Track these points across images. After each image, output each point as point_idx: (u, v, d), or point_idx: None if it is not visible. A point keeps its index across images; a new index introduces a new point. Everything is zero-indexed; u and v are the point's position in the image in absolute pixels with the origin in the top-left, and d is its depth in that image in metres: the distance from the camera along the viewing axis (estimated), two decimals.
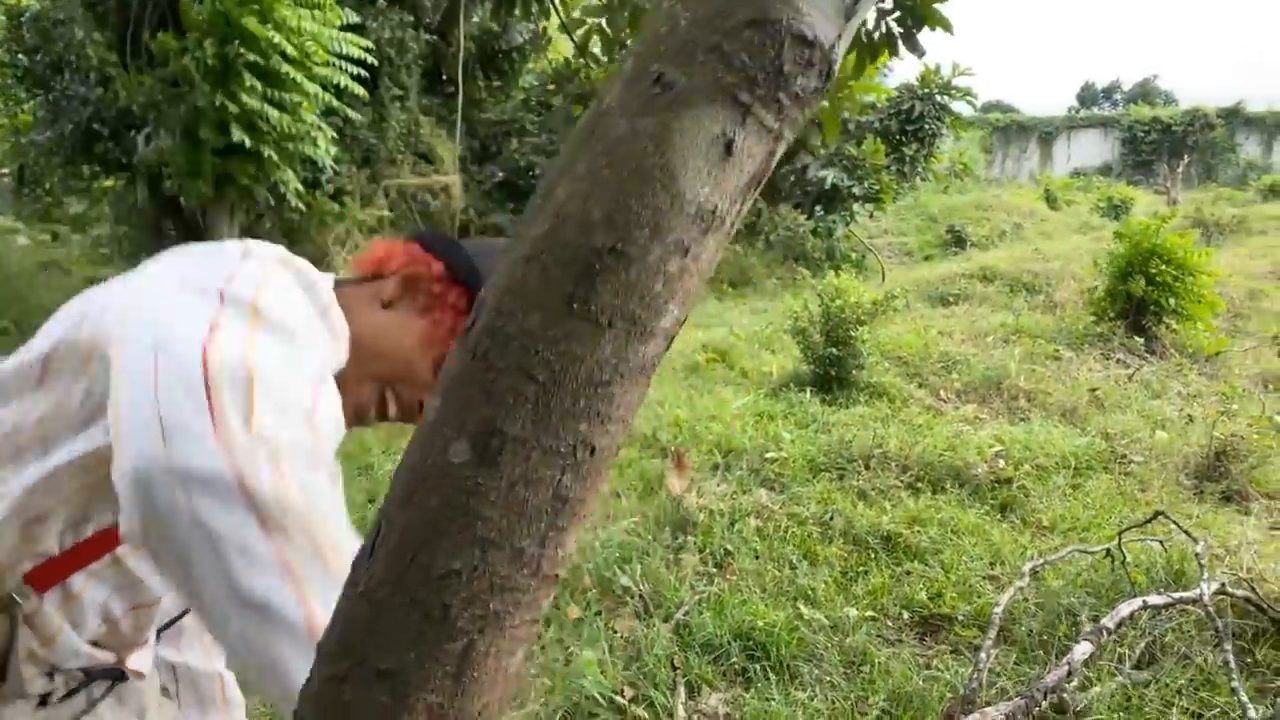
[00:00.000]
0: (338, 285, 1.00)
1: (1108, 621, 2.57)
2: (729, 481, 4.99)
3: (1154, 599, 2.78)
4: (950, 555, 4.16)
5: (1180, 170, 27.51)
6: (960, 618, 3.65)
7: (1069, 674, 2.34)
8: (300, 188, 7.80)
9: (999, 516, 4.70)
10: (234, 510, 0.68)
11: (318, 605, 0.68)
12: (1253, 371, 7.67)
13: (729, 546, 4.20)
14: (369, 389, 0.98)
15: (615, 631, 3.48)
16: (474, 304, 0.53)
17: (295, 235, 10.44)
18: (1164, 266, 7.52)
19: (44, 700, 0.86)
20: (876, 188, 10.78)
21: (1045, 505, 4.81)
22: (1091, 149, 41.08)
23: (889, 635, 3.57)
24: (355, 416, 0.98)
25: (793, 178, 11.54)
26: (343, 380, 0.90)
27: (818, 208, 11.42)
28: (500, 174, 13.79)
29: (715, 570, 4.03)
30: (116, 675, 0.95)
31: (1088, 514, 4.68)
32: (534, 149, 13.56)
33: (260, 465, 0.69)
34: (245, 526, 0.68)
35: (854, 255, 13.97)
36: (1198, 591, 2.56)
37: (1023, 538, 4.44)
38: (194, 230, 8.65)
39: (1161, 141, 38.20)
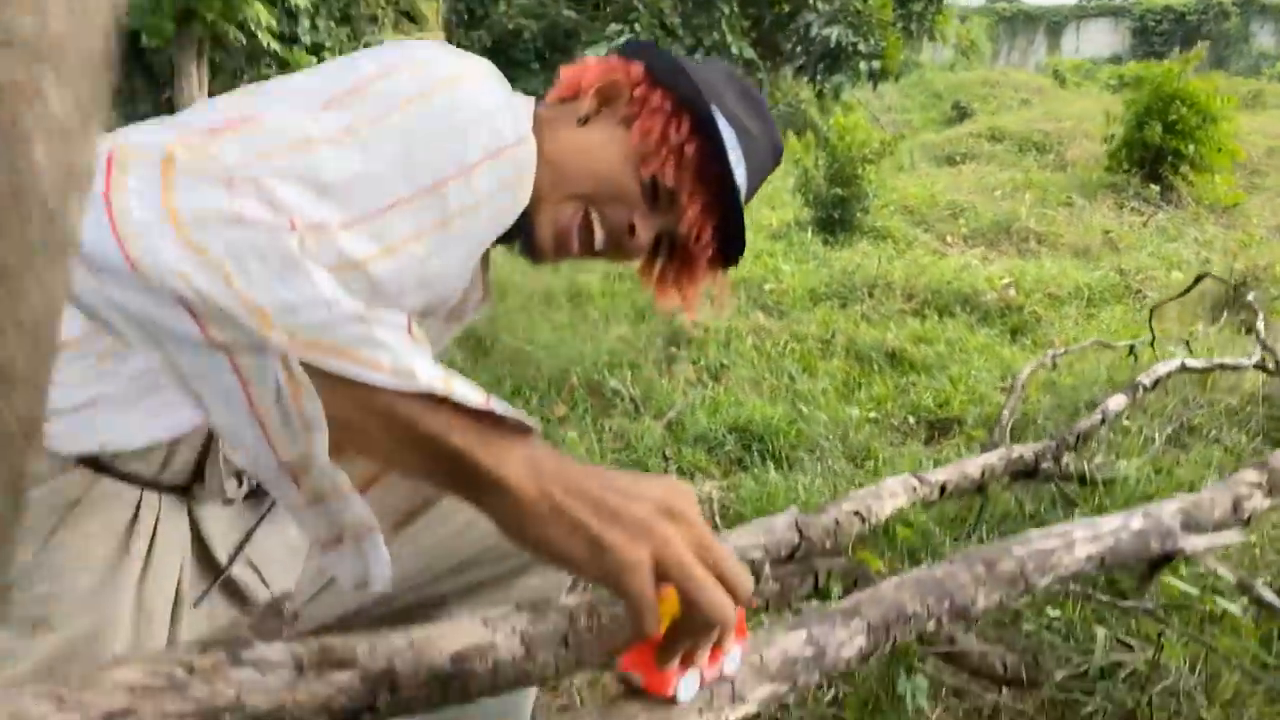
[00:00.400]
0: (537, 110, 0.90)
1: (1144, 378, 2.34)
2: (728, 308, 4.74)
3: (1193, 361, 2.55)
4: (958, 369, 3.93)
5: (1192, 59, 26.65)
6: (970, 420, 3.44)
7: (1102, 421, 2.11)
8: (274, 23, 7.31)
9: (1009, 339, 4.47)
10: None
11: None
12: (1270, 224, 7.39)
13: (724, 361, 3.97)
14: (569, 208, 0.90)
15: (604, 428, 3.27)
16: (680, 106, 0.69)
17: None
18: (1185, 111, 7.13)
19: (229, 502, 0.86)
20: (883, 44, 10.22)
21: (1058, 330, 4.58)
22: (1101, 39, 39.73)
23: (894, 437, 3.37)
24: (557, 242, 0.91)
25: (795, 37, 10.97)
26: (537, 203, 0.86)
27: (820, 68, 10.88)
28: (488, 39, 13.12)
29: (710, 380, 3.81)
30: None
31: (1104, 337, 4.45)
32: (523, 11, 12.86)
33: None
34: None
35: (893, 146, 13.40)
36: (1245, 359, 2.32)
37: (1036, 355, 4.21)
38: (162, 85, 8.18)
39: (1174, 31, 36.93)
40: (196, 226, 0.53)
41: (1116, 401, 2.18)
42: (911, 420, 3.50)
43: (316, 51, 10.13)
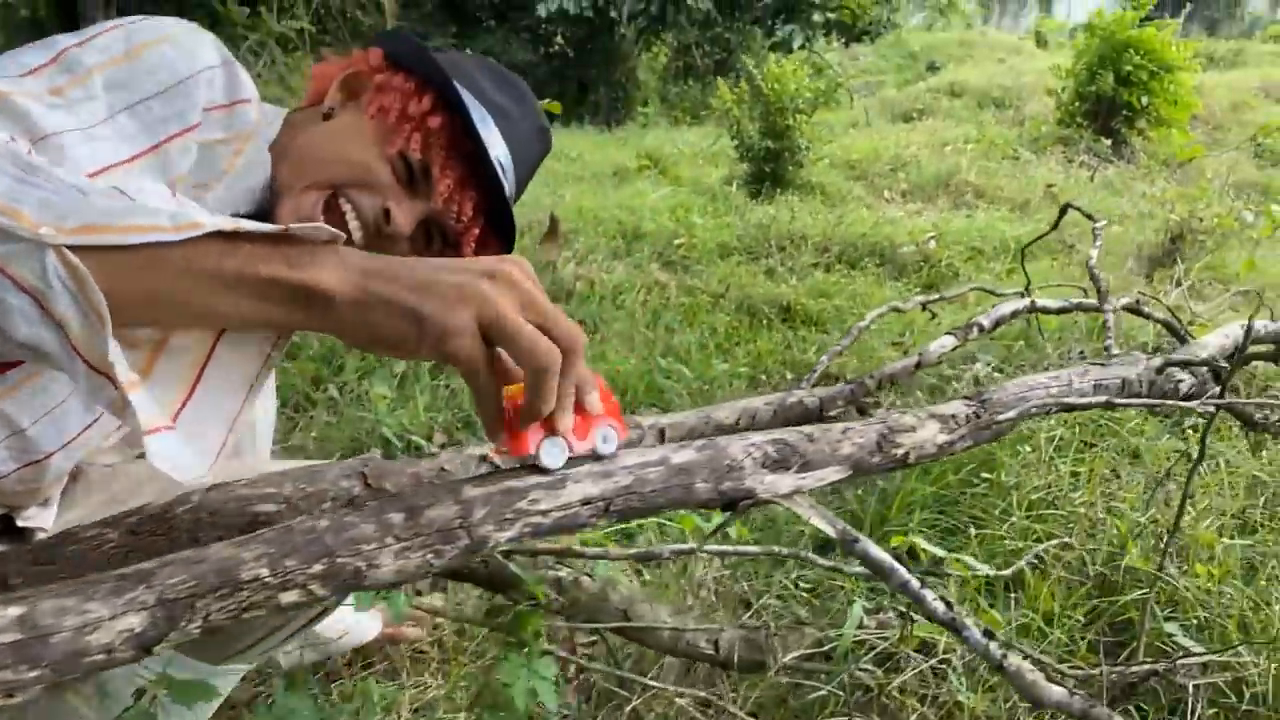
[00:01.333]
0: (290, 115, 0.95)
1: (983, 319, 2.08)
2: (626, 263, 4.47)
3: (1046, 301, 2.29)
4: (854, 323, 3.68)
5: (1180, 22, 26.20)
6: (850, 375, 3.19)
7: (917, 365, 1.86)
8: None
9: (919, 293, 4.21)
10: None
11: None
12: (1229, 181, 7.10)
13: (604, 316, 3.70)
14: (311, 197, 0.88)
15: (444, 385, 3.01)
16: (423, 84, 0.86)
17: None
18: (1139, 60, 6.82)
19: None
20: None
21: (989, 283, 4.31)
22: (1093, 4, 39.23)
23: (763, 392, 3.12)
24: None
25: None
26: (277, 196, 0.88)
27: (777, 21, 10.50)
28: None
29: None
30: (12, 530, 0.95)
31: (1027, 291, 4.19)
32: None
33: None
34: None
35: (840, 97, 13.05)
36: (1107, 304, 2.06)
37: (943, 312, 3.95)
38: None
39: None
40: None
41: (940, 344, 1.92)
42: (790, 376, 3.26)
43: (252, 4, 9.75)
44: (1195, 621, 1.63)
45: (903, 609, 1.31)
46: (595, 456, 0.68)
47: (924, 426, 0.93)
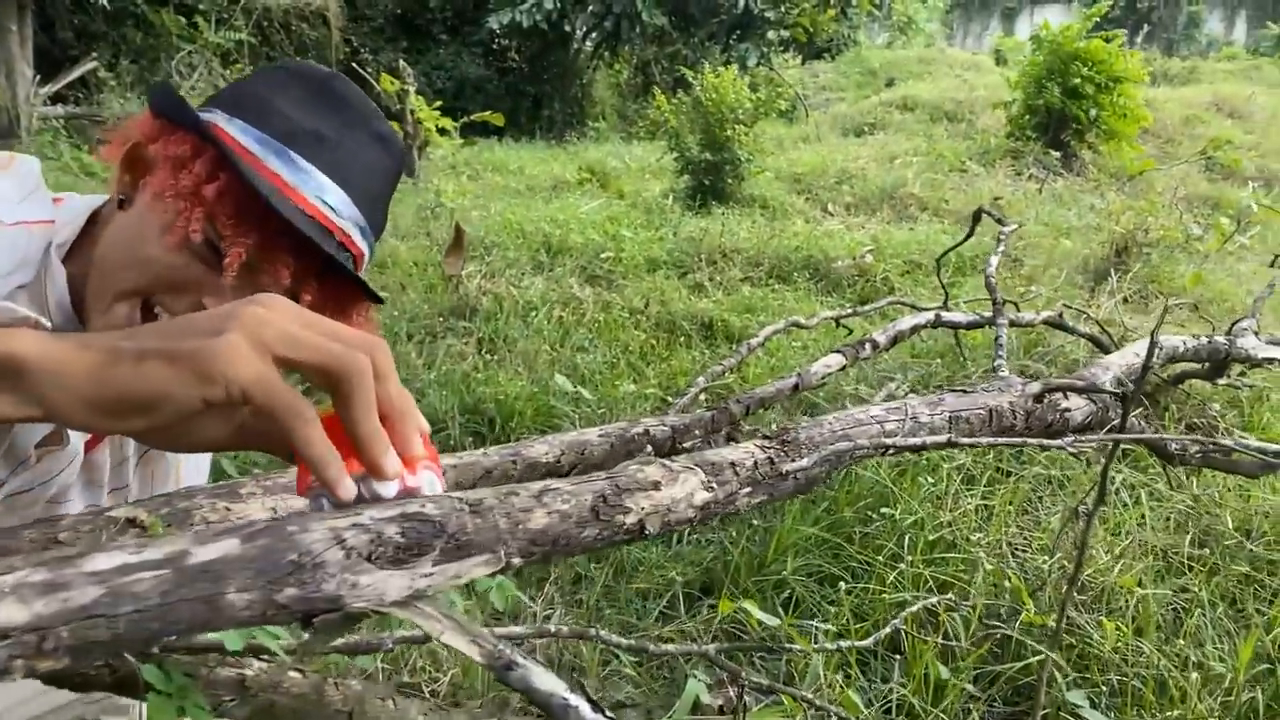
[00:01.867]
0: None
1: (879, 334, 1.85)
2: (547, 278, 4.22)
3: (955, 315, 2.07)
4: (778, 341, 3.45)
5: (1139, 43, 26.53)
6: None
7: (795, 387, 1.62)
8: None
9: (851, 307, 3.99)
10: None
11: None
12: (1179, 195, 6.98)
13: (513, 333, 3.44)
14: (122, 309, 0.76)
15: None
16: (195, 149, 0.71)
17: (142, 56, 9.24)
18: (1086, 72, 6.70)
19: None
20: (794, 13, 9.68)
21: (910, 297, 4.11)
22: (1054, 23, 39.76)
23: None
24: None
25: (704, 4, 10.42)
26: (88, 314, 0.77)
27: (732, 39, 10.33)
28: (394, 8, 12.48)
29: (486, 353, 3.28)
30: None
31: (964, 305, 3.99)
32: None
33: None
34: None
35: (781, 104, 12.92)
36: (1001, 317, 1.83)
37: (874, 327, 3.73)
38: None
39: (1125, 16, 36.99)
40: None
41: (826, 362, 1.68)
42: (703, 397, 3.02)
43: (188, 14, 9.45)
44: (1106, 686, 1.40)
45: None
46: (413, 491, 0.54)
47: (676, 481, 0.68)
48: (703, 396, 2.19)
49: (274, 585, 0.48)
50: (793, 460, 0.75)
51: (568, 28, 12.28)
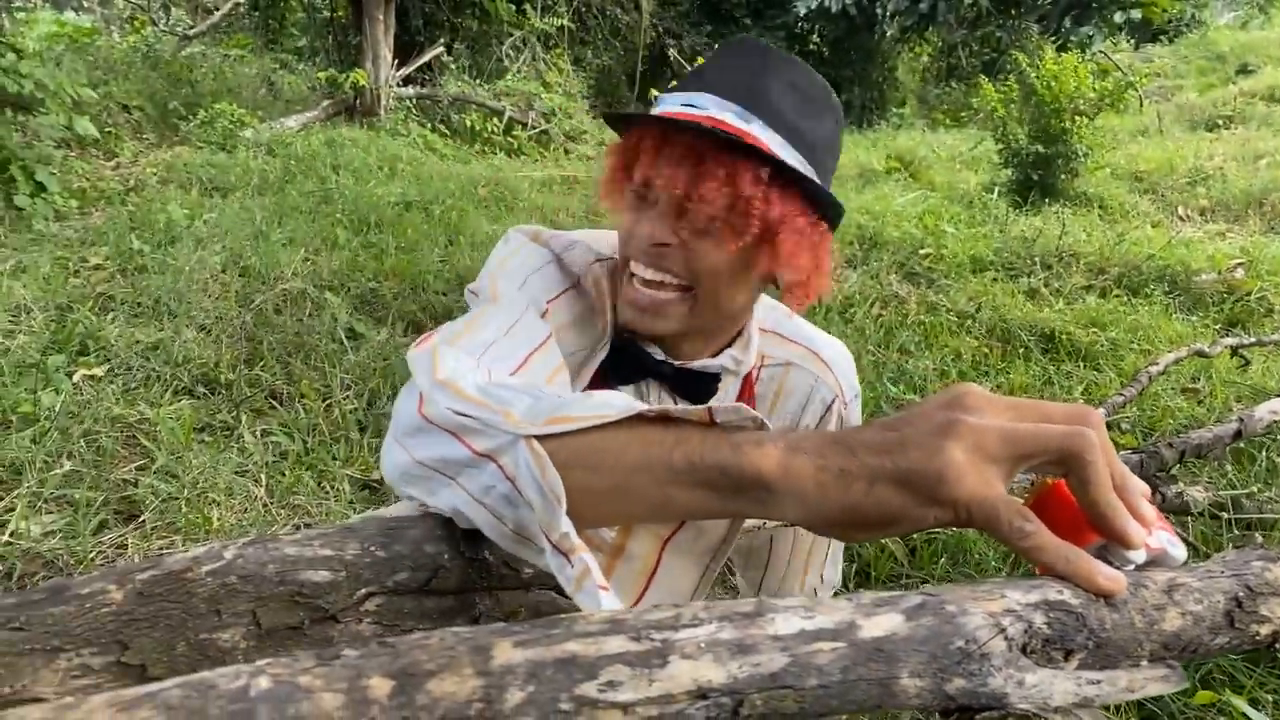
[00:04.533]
0: None
1: None
2: (862, 273, 4.07)
3: None
4: (1135, 361, 3.09)
5: None
6: (1126, 424, 2.65)
7: (1237, 434, 1.40)
8: None
9: (1220, 331, 3.50)
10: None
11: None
12: None
13: (830, 331, 3.35)
14: (623, 278, 0.91)
15: None
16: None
17: (476, 41, 10.05)
18: None
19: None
20: None
21: None
22: None
23: None
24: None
25: None
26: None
27: (1066, 20, 9.40)
28: None
29: None
30: None
31: None
32: None
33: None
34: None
35: (1132, 95, 11.63)
36: None
37: (1259, 359, 3.23)
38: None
39: None
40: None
41: (1272, 408, 1.44)
42: None
43: (518, 3, 10.12)
44: None
45: None
46: (1165, 564, 0.52)
47: None
48: None
49: (943, 674, 0.43)
50: None
51: (878, 10, 11.85)
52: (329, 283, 3.55)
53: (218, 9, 10.51)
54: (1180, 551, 0.52)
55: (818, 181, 0.83)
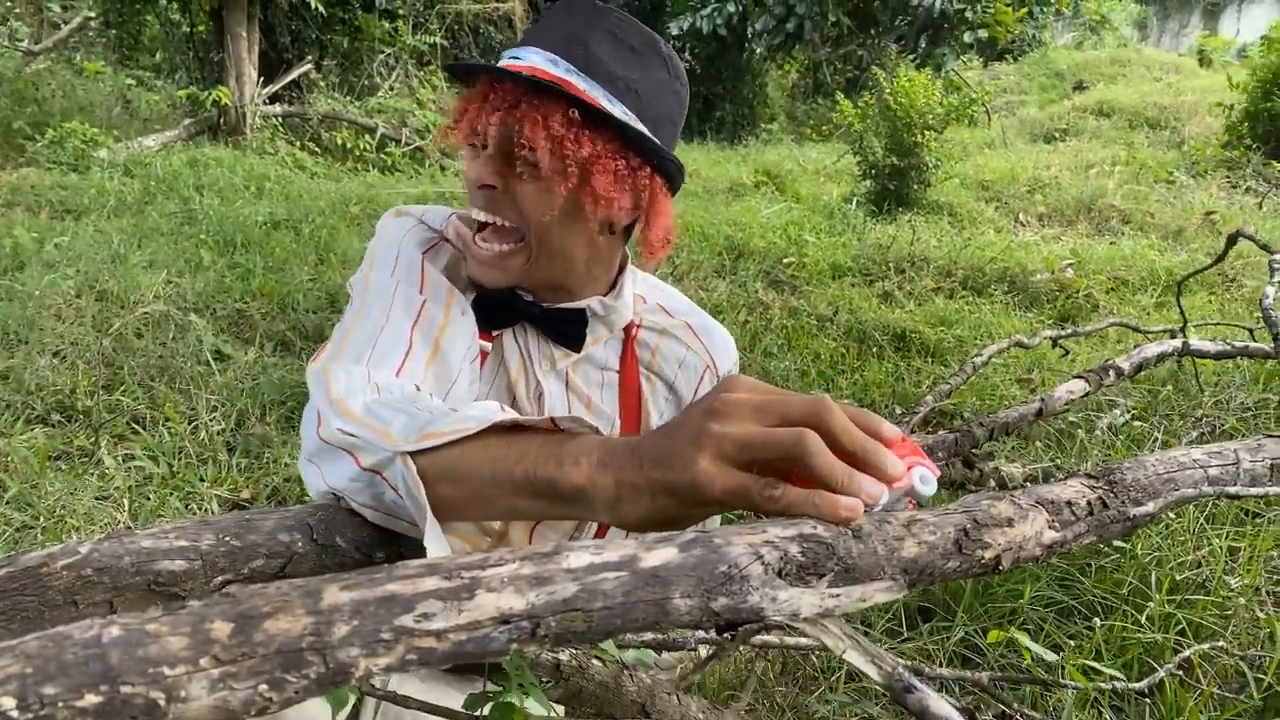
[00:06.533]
0: None
1: (1123, 361, 1.77)
2: (730, 282, 4.24)
3: (1204, 344, 1.94)
4: (978, 349, 3.33)
5: None
6: (968, 412, 2.88)
7: (1039, 413, 1.57)
8: None
9: (1052, 326, 3.81)
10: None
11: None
12: None
13: None
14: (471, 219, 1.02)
15: None
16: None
17: (347, 58, 9.89)
18: None
19: None
20: (990, 10, 9.24)
21: (1126, 318, 3.88)
22: (1266, 21, 36.36)
23: None
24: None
25: (893, 5, 10.15)
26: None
27: (922, 40, 10.01)
28: None
29: None
30: None
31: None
32: None
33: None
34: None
35: (974, 111, 12.39)
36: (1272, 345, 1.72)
37: (1078, 349, 3.55)
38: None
39: None
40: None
41: (1070, 389, 1.62)
42: (899, 411, 2.97)
43: (392, 19, 10.03)
44: None
45: None
46: (916, 501, 0.62)
47: (1025, 519, 0.68)
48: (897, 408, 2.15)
49: (710, 592, 0.52)
50: (1132, 505, 0.74)
51: (749, 30, 12.24)
52: (193, 305, 3.47)
53: (66, 24, 10.00)
54: (928, 489, 0.61)
55: (637, 126, 0.88)
